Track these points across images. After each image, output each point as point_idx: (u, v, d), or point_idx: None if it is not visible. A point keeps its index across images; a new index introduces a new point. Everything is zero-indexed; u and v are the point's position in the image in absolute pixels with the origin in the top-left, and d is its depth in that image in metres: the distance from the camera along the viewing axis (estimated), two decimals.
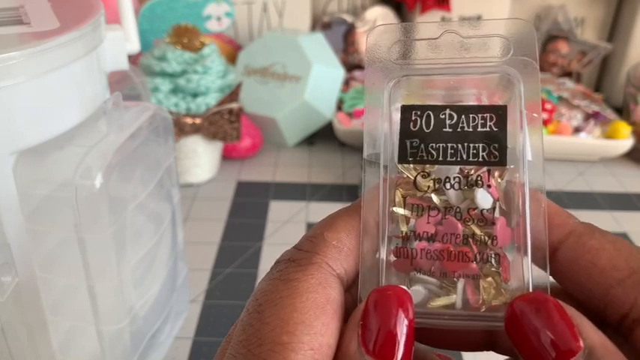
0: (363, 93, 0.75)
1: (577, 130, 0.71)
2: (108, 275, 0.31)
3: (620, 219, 0.60)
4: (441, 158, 0.18)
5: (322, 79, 0.70)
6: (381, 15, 0.86)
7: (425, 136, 0.18)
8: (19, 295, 0.31)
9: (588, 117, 0.73)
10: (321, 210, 0.59)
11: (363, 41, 0.86)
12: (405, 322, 0.15)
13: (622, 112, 0.77)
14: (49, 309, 0.33)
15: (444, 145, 0.18)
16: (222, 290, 0.48)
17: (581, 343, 0.15)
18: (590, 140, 0.69)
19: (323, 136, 0.75)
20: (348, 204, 0.19)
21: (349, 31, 0.86)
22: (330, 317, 0.16)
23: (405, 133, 0.18)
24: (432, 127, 0.18)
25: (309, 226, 0.57)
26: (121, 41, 0.36)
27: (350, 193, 0.62)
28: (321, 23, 0.86)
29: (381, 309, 0.16)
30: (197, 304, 0.46)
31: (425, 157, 0.18)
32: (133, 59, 0.68)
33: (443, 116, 0.18)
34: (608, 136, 0.69)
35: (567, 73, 0.85)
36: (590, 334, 0.15)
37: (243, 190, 0.64)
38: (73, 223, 0.29)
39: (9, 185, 0.29)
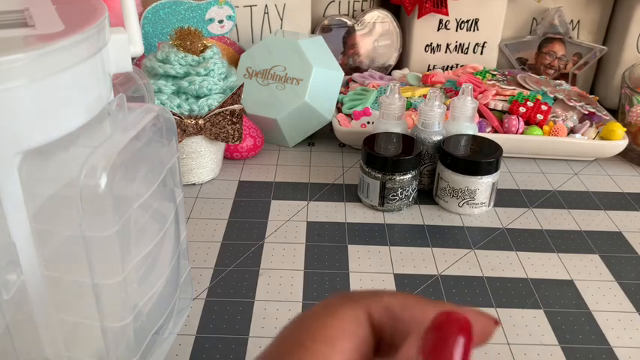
0: (362, 95, 0.75)
1: (572, 130, 0.71)
2: (112, 273, 0.31)
3: (615, 218, 0.61)
4: None
5: (322, 81, 0.71)
6: (379, 18, 0.86)
7: None
8: (24, 292, 0.31)
9: (584, 118, 0.73)
10: (321, 209, 0.60)
11: (363, 44, 0.87)
12: (461, 347, 0.17)
13: (617, 113, 0.77)
14: (53, 306, 0.33)
15: None
16: (225, 288, 0.49)
17: None
18: (586, 141, 0.69)
19: (323, 137, 0.76)
20: (347, 204, 0.20)
21: (349, 34, 0.87)
22: (352, 346, 0.18)
23: None
24: None
25: (310, 225, 0.58)
26: (125, 44, 0.36)
27: (350, 192, 0.63)
28: (321, 26, 0.87)
29: (440, 331, 0.17)
30: (199, 302, 0.47)
31: None
32: (136, 61, 0.68)
33: None
34: (603, 136, 0.70)
35: (563, 75, 0.86)
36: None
37: (244, 189, 0.64)
38: (78, 222, 0.29)
39: (14, 185, 0.29)
